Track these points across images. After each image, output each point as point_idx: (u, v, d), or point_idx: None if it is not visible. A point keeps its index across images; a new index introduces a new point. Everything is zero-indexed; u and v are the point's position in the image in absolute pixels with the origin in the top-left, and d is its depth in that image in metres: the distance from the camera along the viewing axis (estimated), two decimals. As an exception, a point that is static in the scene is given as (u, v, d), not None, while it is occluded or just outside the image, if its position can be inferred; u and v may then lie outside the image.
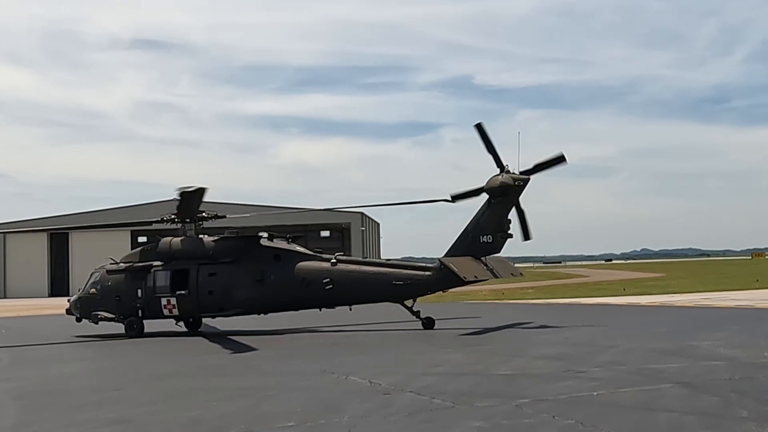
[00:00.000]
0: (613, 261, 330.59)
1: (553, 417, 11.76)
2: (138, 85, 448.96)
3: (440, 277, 28.16)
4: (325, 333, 28.33)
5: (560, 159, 28.40)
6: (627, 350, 20.21)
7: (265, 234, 31.08)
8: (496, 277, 29.08)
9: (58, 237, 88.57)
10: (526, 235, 29.28)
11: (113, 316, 30.44)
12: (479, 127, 28.45)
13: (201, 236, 31.25)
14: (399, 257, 30.06)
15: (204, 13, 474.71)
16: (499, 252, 28.90)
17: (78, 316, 31.33)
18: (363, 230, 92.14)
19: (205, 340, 27.90)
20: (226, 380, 17.36)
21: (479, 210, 28.72)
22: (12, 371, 20.98)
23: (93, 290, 30.95)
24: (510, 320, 30.56)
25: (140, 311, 30.14)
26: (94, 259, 32.64)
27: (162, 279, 30.16)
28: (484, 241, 28.31)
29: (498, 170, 28.53)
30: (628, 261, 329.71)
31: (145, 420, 12.85)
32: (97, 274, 31.36)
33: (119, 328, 30.44)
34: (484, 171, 28.64)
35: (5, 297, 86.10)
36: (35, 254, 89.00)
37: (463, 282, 28.13)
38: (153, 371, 19.78)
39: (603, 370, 16.51)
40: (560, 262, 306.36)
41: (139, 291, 30.18)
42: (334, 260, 29.52)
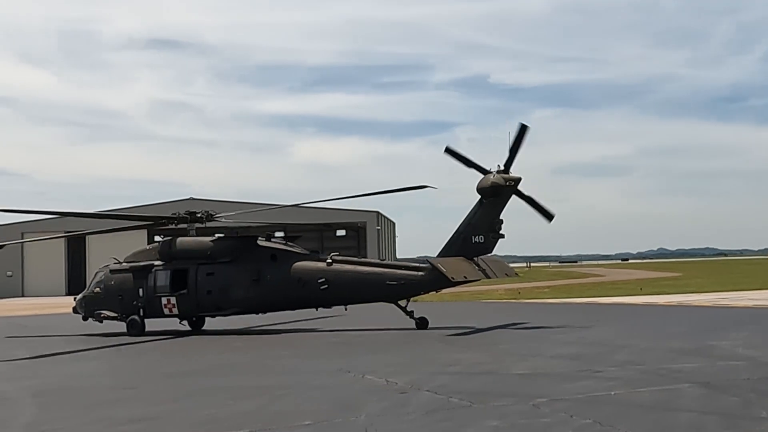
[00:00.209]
0: (630, 260, 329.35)
1: (570, 416, 11.71)
2: (154, 85, 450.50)
3: (433, 278, 28.10)
4: (340, 332, 28.31)
5: (523, 129, 27.91)
6: (644, 350, 20.11)
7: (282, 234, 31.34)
8: (489, 278, 29.03)
9: (75, 236, 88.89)
10: (548, 216, 28.98)
11: (116, 315, 30.81)
12: (449, 150, 28.65)
13: (199, 236, 31.63)
14: (415, 256, 30.02)
15: (219, 13, 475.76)
16: (491, 252, 28.86)
17: (83, 315, 31.73)
18: (379, 229, 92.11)
19: (220, 339, 27.98)
20: (242, 379, 17.37)
21: (471, 210, 28.72)
22: (30, 369, 21.08)
23: (97, 289, 31.43)
24: (506, 320, 30.56)
25: (141, 310, 30.49)
26: (111, 257, 32.85)
27: (162, 279, 30.51)
28: (476, 242, 28.27)
29: (503, 168, 28.24)
30: (645, 260, 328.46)
31: (162, 418, 12.88)
32: (101, 274, 31.89)
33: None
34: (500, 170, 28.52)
35: (23, 296, 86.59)
36: (52, 253, 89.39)
37: (452, 282, 28.11)
38: (169, 370, 19.81)
39: (620, 370, 16.44)
40: (576, 262, 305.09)
41: (141, 290, 30.54)
42: (330, 260, 29.68)
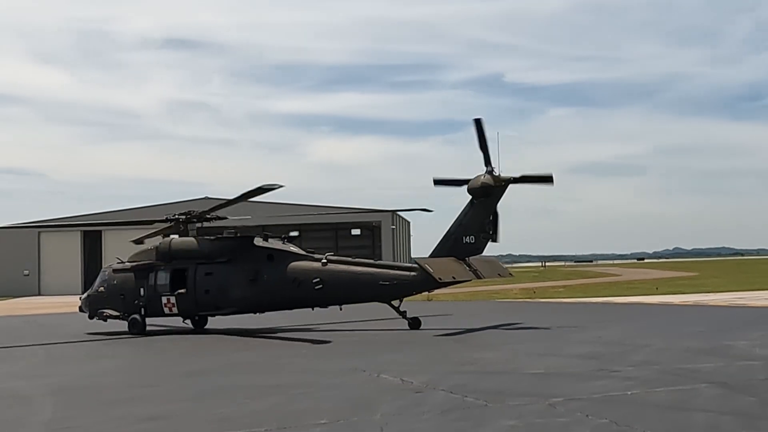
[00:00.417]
0: (645, 260, 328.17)
1: (587, 416, 11.69)
2: (170, 85, 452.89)
3: (424, 278, 28.07)
4: (355, 332, 28.35)
5: (548, 179, 28.21)
6: (661, 349, 20.05)
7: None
8: (480, 278, 28.98)
9: (91, 235, 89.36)
10: (494, 238, 28.95)
11: (118, 314, 31.11)
12: (478, 123, 28.16)
13: (198, 236, 31.89)
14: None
15: (235, 13, 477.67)
16: (482, 252, 28.86)
17: (89, 314, 32.06)
18: (393, 229, 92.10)
19: (236, 338, 28.05)
20: (258, 377, 17.42)
21: (462, 211, 28.78)
22: (47, 367, 21.21)
23: (101, 289, 31.80)
24: (508, 320, 30.56)
25: (143, 309, 30.79)
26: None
27: (162, 278, 30.83)
28: (467, 242, 28.34)
29: (485, 168, 28.24)
30: (661, 260, 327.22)
31: (179, 417, 12.94)
32: (105, 273, 32.31)
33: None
34: (514, 168, 28.45)
35: (39, 294, 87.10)
36: (69, 252, 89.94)
37: (439, 283, 28.09)
38: (186, 368, 19.89)
39: (637, 370, 16.39)
40: (591, 261, 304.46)
41: (142, 290, 30.87)
42: (325, 260, 29.82)
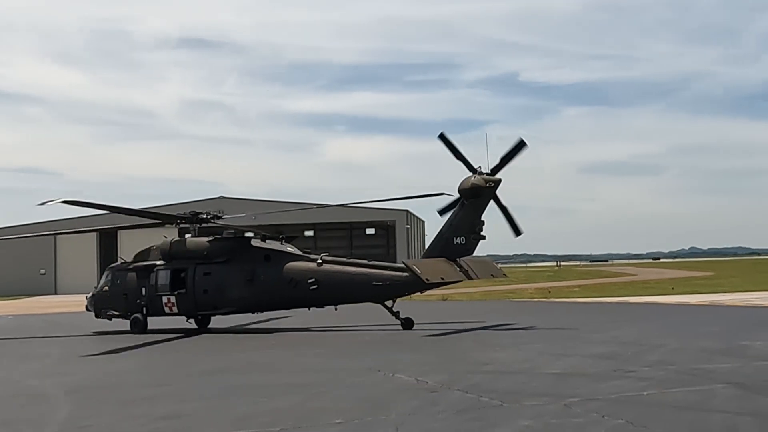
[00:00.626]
0: (661, 259, 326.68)
1: (603, 417, 11.68)
2: (185, 84, 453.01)
3: (416, 279, 28.04)
4: (369, 331, 28.37)
5: (521, 144, 28.08)
6: (677, 350, 19.99)
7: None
8: (471, 279, 29.02)
9: (107, 234, 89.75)
10: (516, 231, 29.20)
11: (121, 313, 31.60)
12: (442, 137, 28.44)
13: (197, 237, 32.24)
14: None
15: (251, 12, 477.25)
16: (472, 253, 28.90)
17: (95, 313, 32.57)
18: (408, 228, 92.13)
19: (251, 338, 28.18)
20: (275, 377, 17.48)
21: (453, 212, 28.84)
22: (64, 366, 21.34)
23: (105, 288, 32.36)
24: (512, 320, 30.37)
25: (144, 309, 31.25)
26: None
27: (163, 278, 31.27)
28: (458, 243, 28.39)
29: (489, 171, 28.33)
30: (677, 259, 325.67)
31: (197, 415, 13.00)
32: (109, 273, 32.85)
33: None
34: (529, 168, 28.60)
35: (56, 293, 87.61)
36: (85, 251, 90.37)
37: (426, 284, 28.10)
38: (203, 367, 19.97)
39: (653, 370, 16.35)
40: (607, 261, 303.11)
41: (144, 289, 31.35)
42: (320, 261, 30.01)
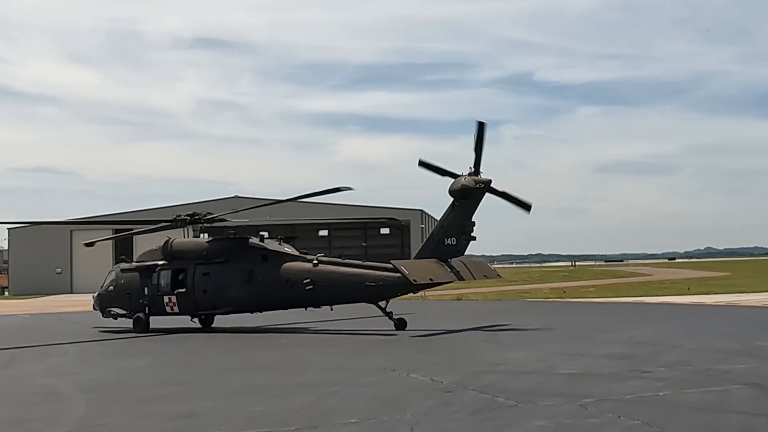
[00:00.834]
0: (677, 259, 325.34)
1: (619, 417, 11.61)
2: (199, 84, 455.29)
3: (406, 280, 27.92)
4: (382, 331, 28.35)
5: (481, 126, 27.96)
6: (693, 350, 19.88)
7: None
8: (462, 280, 28.92)
9: (122, 233, 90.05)
10: (526, 207, 28.99)
11: (125, 312, 31.93)
12: (423, 164, 28.58)
13: (196, 237, 32.85)
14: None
15: (264, 12, 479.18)
16: (463, 253, 28.84)
17: (101, 312, 32.92)
18: (423, 227, 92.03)
19: (264, 337, 28.21)
20: (289, 376, 17.47)
21: (444, 213, 28.91)
22: (79, 365, 21.41)
23: (110, 288, 32.73)
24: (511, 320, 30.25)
25: (147, 308, 31.59)
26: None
27: (164, 278, 31.55)
28: (449, 244, 28.35)
29: (473, 170, 28.26)
30: (692, 259, 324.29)
31: (211, 414, 13.00)
32: (113, 273, 33.20)
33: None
34: (543, 168, 28.59)
35: (72, 292, 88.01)
36: (100, 250, 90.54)
37: (413, 285, 28.04)
38: (216, 366, 19.99)
39: (669, 370, 16.26)
40: (622, 261, 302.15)
41: (146, 289, 31.68)
42: (316, 261, 30.05)
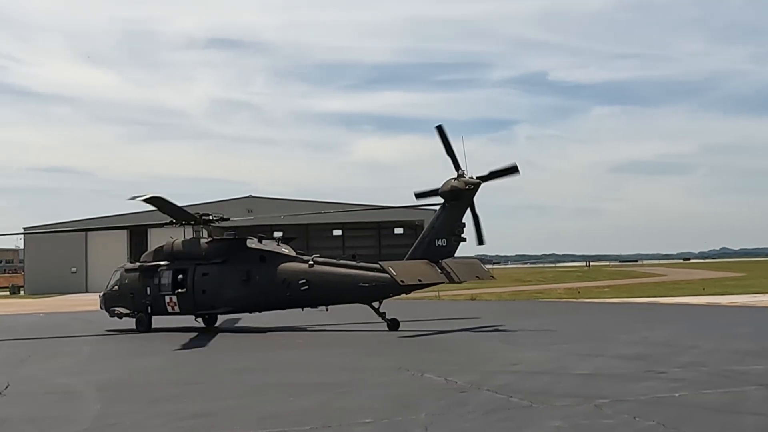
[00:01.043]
0: (692, 260, 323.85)
1: (634, 418, 11.53)
2: (214, 84, 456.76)
3: (395, 281, 28.03)
4: (396, 330, 28.33)
5: (513, 169, 28.32)
6: (709, 351, 19.73)
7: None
8: (454, 281, 29.16)
9: (137, 233, 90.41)
10: (480, 240, 29.41)
11: (129, 312, 32.39)
12: (440, 129, 28.50)
13: (196, 238, 32.93)
14: (473, 255, 30.15)
15: (278, 12, 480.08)
16: (453, 254, 29.16)
17: (107, 312, 33.36)
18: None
19: (279, 336, 28.22)
20: (303, 376, 17.45)
21: (435, 214, 29.19)
22: (93, 364, 21.48)
23: (115, 287, 33.29)
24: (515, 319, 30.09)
25: (149, 308, 32.04)
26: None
27: (166, 278, 32.00)
28: (439, 245, 28.71)
29: (457, 171, 28.53)
30: (707, 260, 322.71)
31: (225, 414, 12.99)
32: (118, 273, 33.73)
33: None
34: (558, 168, 28.61)
35: (87, 291, 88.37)
36: (115, 250, 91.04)
37: (401, 286, 28.15)
38: (230, 366, 20.00)
39: (684, 371, 16.15)
40: (636, 261, 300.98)
41: (148, 289, 32.14)
42: (311, 262, 30.38)
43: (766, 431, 10.79)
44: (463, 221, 29.01)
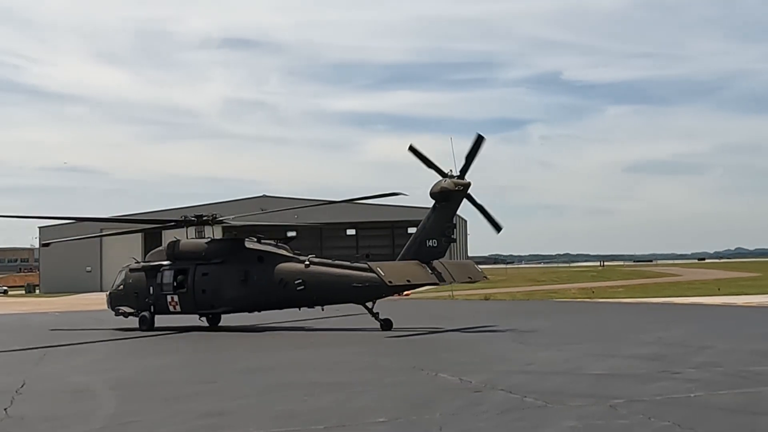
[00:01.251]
0: (706, 260, 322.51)
1: (649, 418, 11.50)
2: (228, 84, 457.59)
3: (383, 281, 28.00)
4: (409, 331, 28.35)
5: (479, 139, 28.17)
6: (724, 351, 19.66)
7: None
8: (445, 282, 29.28)
9: (152, 233, 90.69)
10: (496, 227, 29.66)
11: (133, 311, 32.79)
12: (412, 149, 28.60)
13: (197, 238, 33.36)
14: (487, 254, 30.24)
15: (292, 12, 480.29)
16: (443, 255, 29.28)
17: (114, 311, 33.78)
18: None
19: (293, 336, 28.30)
20: (318, 375, 17.49)
21: (426, 215, 29.21)
22: (109, 362, 21.60)
23: (120, 287, 33.66)
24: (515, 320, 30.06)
25: (152, 307, 32.38)
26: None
27: (168, 278, 32.34)
28: (430, 246, 28.75)
29: (459, 174, 28.53)
30: (722, 260, 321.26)
31: (240, 413, 13.03)
32: (123, 272, 34.11)
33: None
34: (572, 167, 28.56)
35: (101, 290, 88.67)
36: (129, 249, 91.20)
37: (390, 286, 28.15)
38: (245, 365, 20.05)
39: (699, 372, 16.10)
40: (651, 261, 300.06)
41: (151, 288, 32.49)
42: (308, 262, 30.51)
43: (782, 432, 10.75)
44: (453, 222, 29.14)
